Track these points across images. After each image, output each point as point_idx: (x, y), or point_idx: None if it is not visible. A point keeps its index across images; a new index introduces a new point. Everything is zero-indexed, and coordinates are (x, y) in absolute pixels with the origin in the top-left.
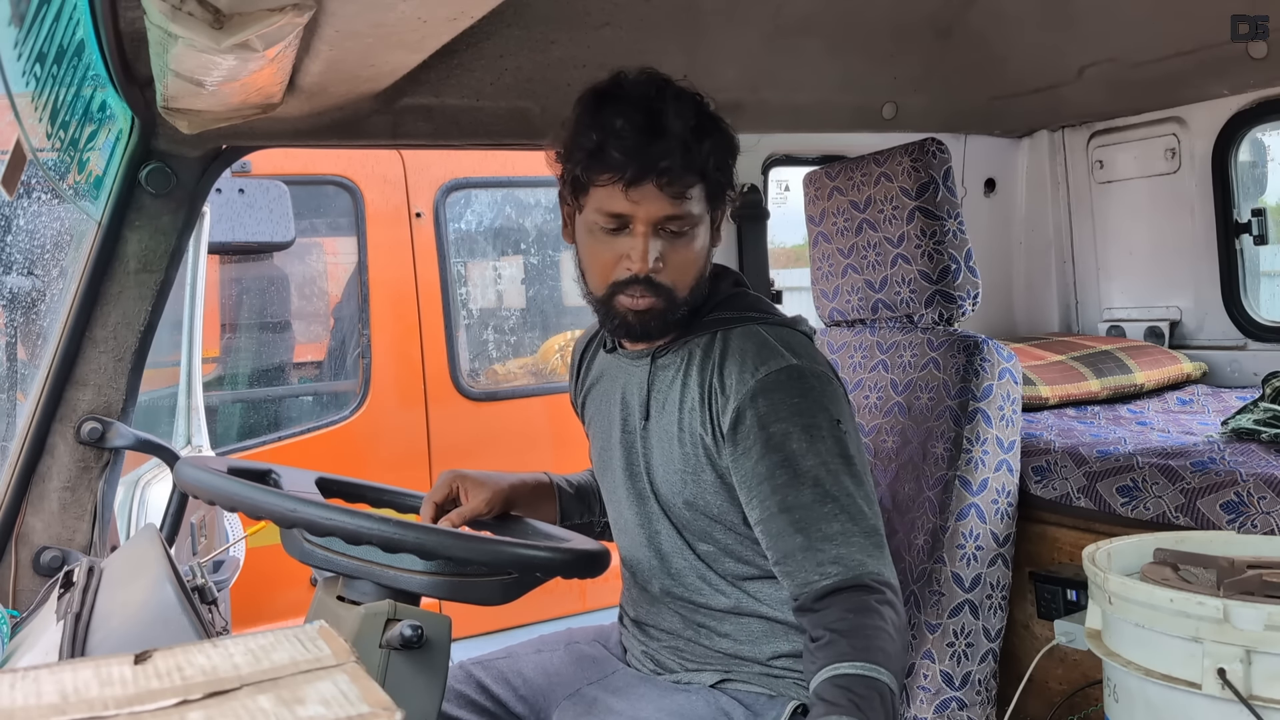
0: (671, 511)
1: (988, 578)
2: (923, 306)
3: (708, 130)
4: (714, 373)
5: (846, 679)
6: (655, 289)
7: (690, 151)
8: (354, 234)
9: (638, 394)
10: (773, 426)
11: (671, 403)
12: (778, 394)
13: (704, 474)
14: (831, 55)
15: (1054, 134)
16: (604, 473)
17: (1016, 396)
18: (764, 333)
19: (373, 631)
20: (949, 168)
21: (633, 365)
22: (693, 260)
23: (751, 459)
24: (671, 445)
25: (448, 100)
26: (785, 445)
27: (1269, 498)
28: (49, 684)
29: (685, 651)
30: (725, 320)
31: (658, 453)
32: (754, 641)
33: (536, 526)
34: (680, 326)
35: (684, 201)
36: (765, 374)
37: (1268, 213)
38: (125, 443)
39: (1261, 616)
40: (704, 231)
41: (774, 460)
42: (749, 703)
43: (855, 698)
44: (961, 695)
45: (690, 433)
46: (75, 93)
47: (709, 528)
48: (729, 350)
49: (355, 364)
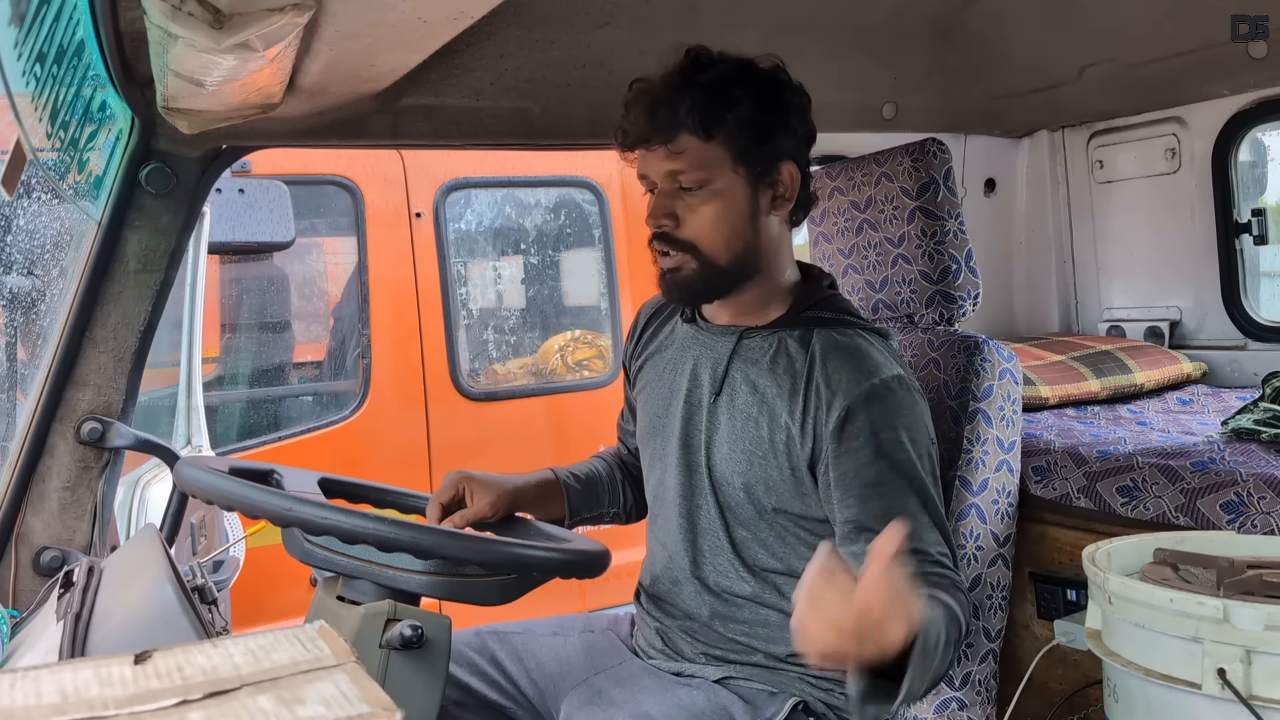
0: (721, 490)
1: (988, 578)
2: (923, 306)
3: (730, 88)
4: (813, 365)
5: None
6: (677, 245)
7: (662, 107)
8: (354, 234)
9: (713, 368)
10: (885, 434)
11: (754, 387)
12: (891, 402)
13: (775, 462)
14: (831, 55)
15: (1054, 134)
16: (654, 438)
17: (1017, 397)
18: (866, 338)
19: (373, 631)
20: (949, 168)
21: (714, 339)
22: (715, 217)
23: (859, 460)
24: (745, 426)
25: (448, 100)
26: (895, 454)
27: (1269, 498)
28: (49, 684)
29: (698, 635)
30: (822, 319)
31: (725, 429)
32: (768, 635)
33: (537, 526)
34: (723, 291)
35: (682, 155)
36: (880, 380)
37: (1268, 213)
38: (125, 443)
39: (1261, 616)
40: (731, 190)
41: (884, 466)
42: (750, 698)
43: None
44: (962, 695)
45: (771, 420)
46: (75, 93)
47: (754, 516)
48: (832, 348)
49: (355, 364)
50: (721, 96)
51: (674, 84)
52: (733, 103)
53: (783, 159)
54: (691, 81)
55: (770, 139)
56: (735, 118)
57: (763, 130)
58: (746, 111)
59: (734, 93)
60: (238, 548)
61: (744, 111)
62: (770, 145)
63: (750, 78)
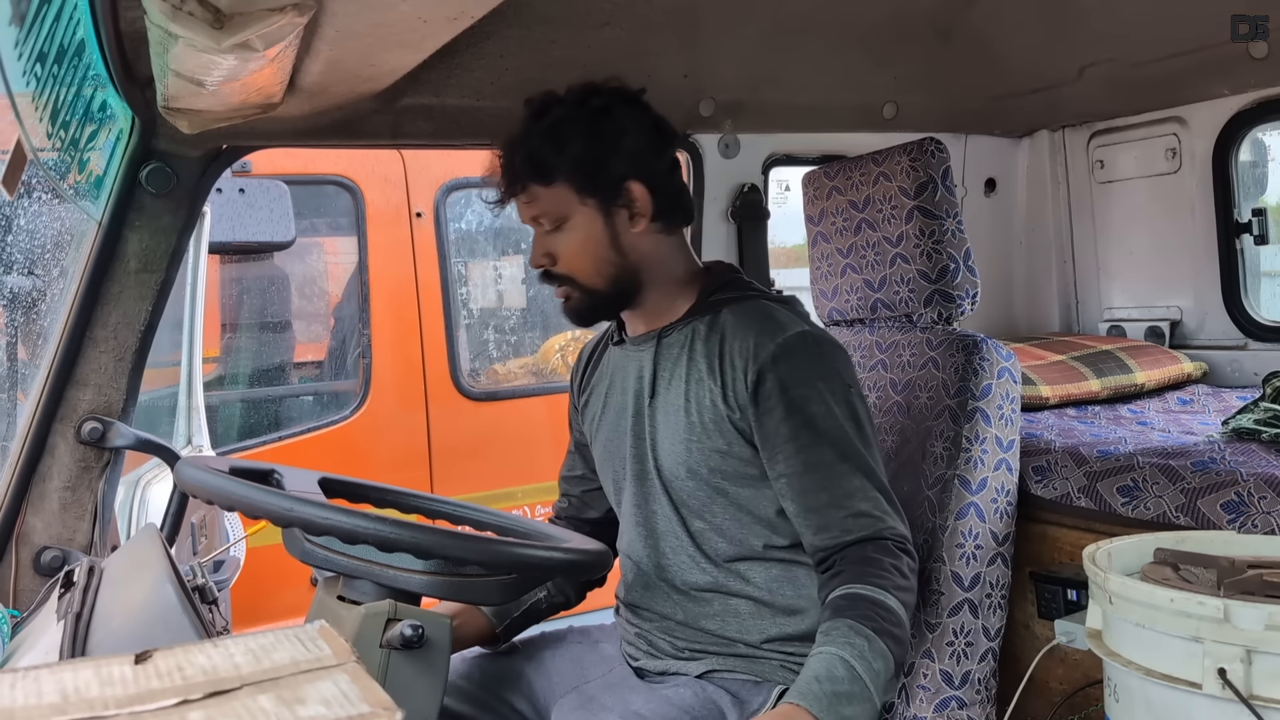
0: (671, 486)
1: (987, 577)
2: (921, 306)
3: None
4: (724, 341)
5: (853, 595)
6: (557, 279)
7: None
8: (354, 234)
9: (645, 375)
10: (794, 390)
11: (678, 377)
12: (797, 358)
13: (712, 439)
14: (831, 55)
15: (1054, 134)
16: (610, 461)
17: (1015, 396)
18: (770, 305)
19: (373, 631)
20: (948, 167)
21: (639, 351)
22: (577, 249)
23: (775, 419)
24: (678, 416)
25: (448, 100)
26: (807, 407)
27: (1269, 498)
28: (49, 684)
29: (676, 634)
30: (727, 299)
31: (663, 427)
32: (742, 624)
33: (538, 527)
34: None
35: (535, 201)
36: (784, 339)
37: (1268, 213)
38: (125, 443)
39: (1262, 616)
40: (586, 222)
41: (797, 421)
42: (735, 690)
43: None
44: (961, 694)
45: (698, 402)
46: (75, 93)
47: (707, 501)
48: (739, 320)
49: (355, 364)
50: (553, 141)
51: (515, 139)
52: (563, 144)
53: (626, 179)
54: (529, 132)
55: (605, 167)
56: (567, 159)
57: (595, 162)
58: (577, 149)
59: (564, 134)
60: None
61: (575, 150)
62: (607, 172)
63: (579, 114)
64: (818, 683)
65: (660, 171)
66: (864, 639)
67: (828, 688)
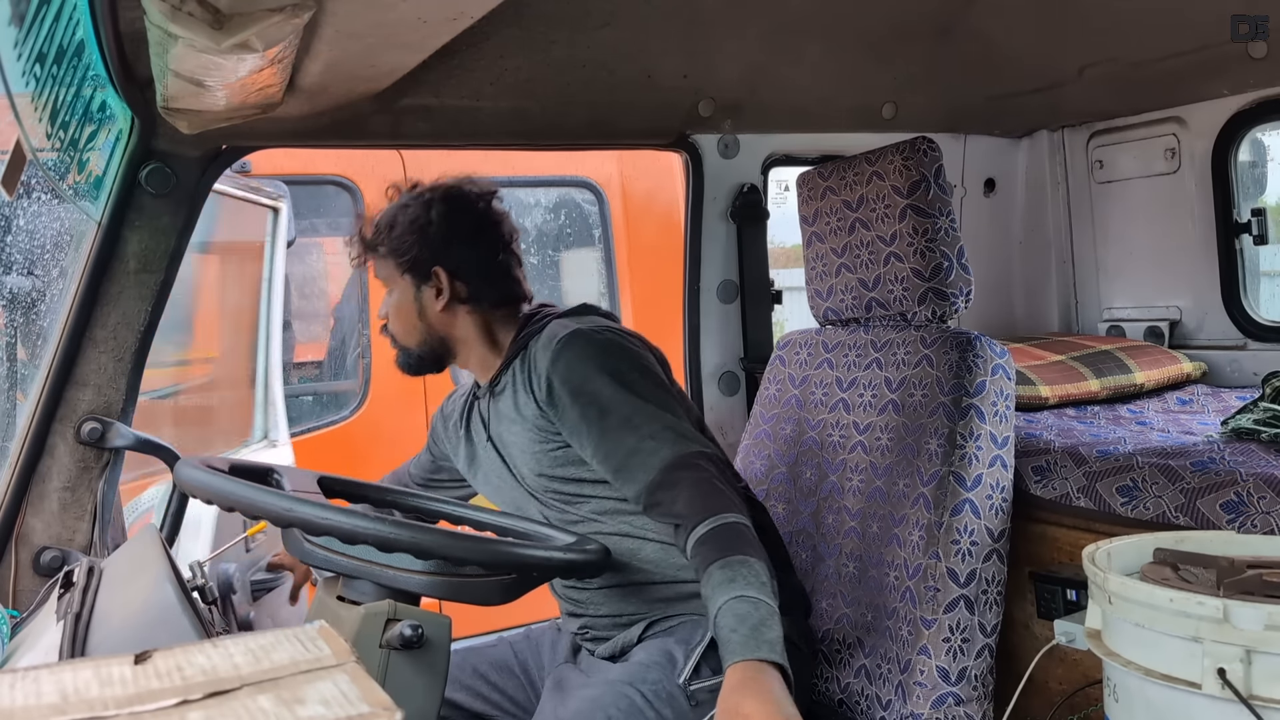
0: (540, 492)
1: (983, 573)
2: (916, 304)
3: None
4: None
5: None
6: (388, 333)
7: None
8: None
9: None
10: (573, 381)
11: (511, 410)
12: (569, 355)
13: (547, 445)
14: (831, 55)
15: (1054, 134)
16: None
17: (1010, 392)
18: (555, 321)
19: (373, 631)
20: (940, 165)
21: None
22: (394, 313)
23: (569, 412)
24: (518, 438)
25: (448, 100)
26: (586, 389)
27: (1269, 497)
28: (49, 684)
29: (609, 602)
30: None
31: (511, 449)
32: (656, 567)
33: (537, 527)
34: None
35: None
36: (558, 344)
37: (1267, 213)
38: (125, 443)
39: (1261, 616)
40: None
41: (582, 404)
42: (677, 634)
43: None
44: (958, 691)
45: (527, 420)
46: (75, 93)
47: (575, 492)
48: (532, 346)
49: (355, 364)
50: (388, 225)
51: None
52: (391, 229)
53: (435, 264)
54: (383, 212)
55: (413, 251)
56: (392, 242)
57: (407, 245)
58: (398, 236)
59: (396, 219)
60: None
61: (396, 236)
62: (416, 256)
63: (414, 201)
64: (733, 631)
65: (469, 260)
66: (734, 569)
67: (744, 631)
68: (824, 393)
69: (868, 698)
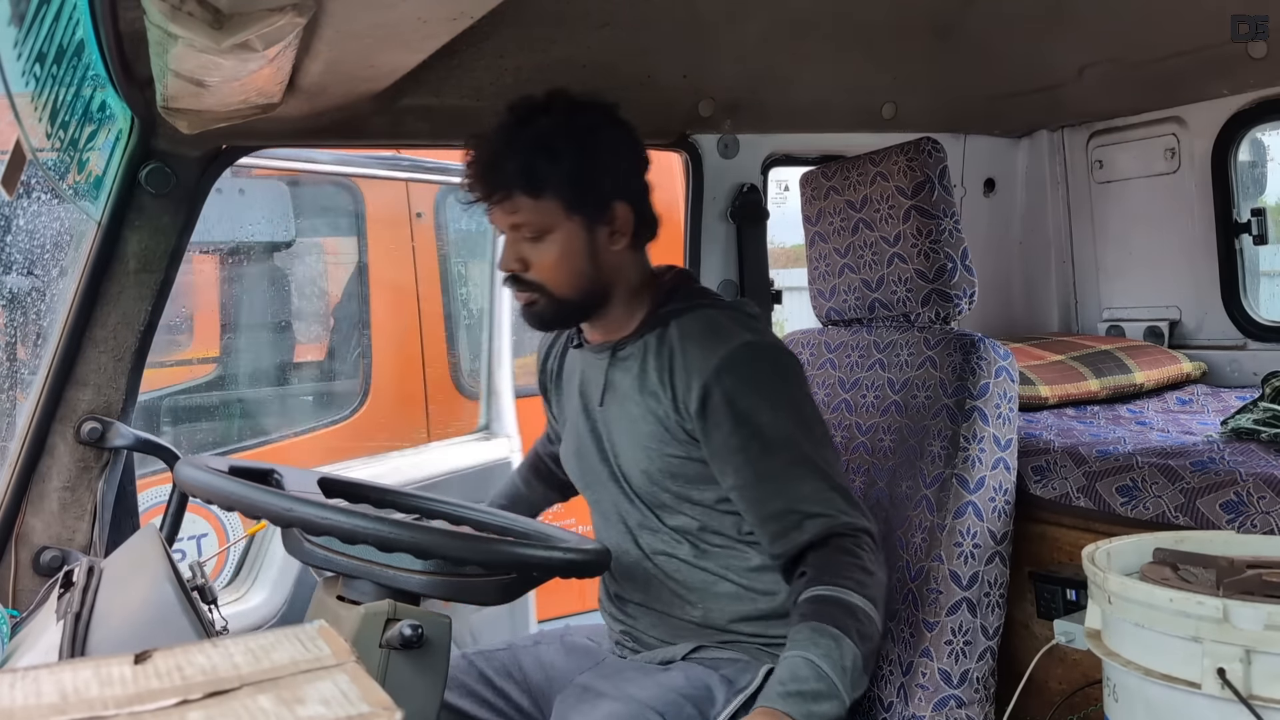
0: (640, 489)
1: (985, 576)
2: (919, 305)
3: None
4: (673, 355)
5: (815, 598)
6: (526, 286)
7: (497, 167)
8: (354, 234)
9: (597, 383)
10: (740, 402)
11: (632, 390)
12: (741, 370)
13: (668, 449)
14: (831, 55)
15: (1053, 134)
16: (580, 458)
17: (1013, 395)
18: (715, 314)
19: (373, 631)
20: (945, 166)
21: (595, 357)
22: (557, 261)
23: (723, 433)
24: (634, 425)
25: (448, 100)
26: (754, 418)
27: (1269, 497)
28: (49, 684)
29: (660, 625)
30: (676, 310)
31: (621, 435)
32: (722, 608)
33: (538, 527)
34: (577, 319)
35: (518, 211)
36: (726, 352)
37: (1267, 213)
38: (125, 443)
39: (1261, 616)
40: (569, 236)
41: (745, 433)
42: (723, 670)
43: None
44: (960, 693)
45: (652, 413)
46: (75, 93)
47: (674, 501)
48: (685, 333)
49: (355, 364)
50: (545, 154)
51: (501, 145)
52: (556, 158)
53: (613, 199)
54: (516, 140)
55: (596, 185)
56: (560, 173)
57: (587, 179)
58: (570, 165)
59: (557, 147)
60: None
61: (567, 165)
62: (597, 191)
63: (571, 129)
64: (781, 684)
65: (641, 192)
66: (829, 639)
67: (792, 688)
68: (826, 393)
69: (869, 699)
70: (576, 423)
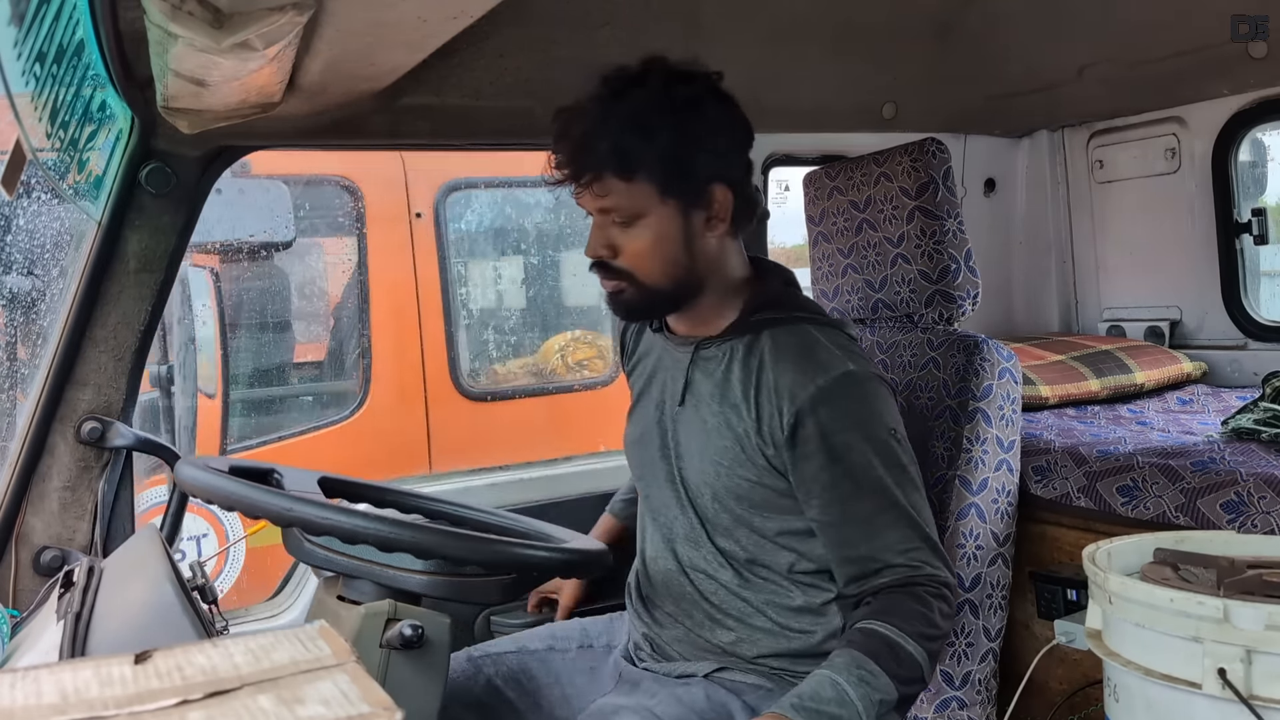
0: (697, 502)
1: (987, 577)
2: (922, 306)
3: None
4: (762, 370)
5: (867, 630)
6: (615, 273)
7: (589, 147)
8: (354, 234)
9: (675, 380)
10: (835, 437)
11: (711, 397)
12: (839, 402)
13: (741, 470)
14: (831, 55)
15: (1054, 134)
16: (641, 448)
17: (1016, 396)
18: (815, 333)
19: (373, 631)
20: (949, 167)
21: (676, 350)
22: (649, 248)
23: (813, 466)
24: (708, 436)
25: (448, 100)
26: (848, 456)
27: (1269, 497)
28: (49, 684)
29: (686, 640)
30: (771, 319)
31: (690, 442)
32: (754, 641)
33: (538, 527)
34: (666, 309)
35: (609, 194)
36: (825, 381)
37: (1268, 212)
38: (125, 442)
39: (1262, 616)
40: (663, 221)
41: (838, 471)
42: (746, 694)
43: (873, 648)
44: (961, 695)
45: (730, 427)
46: (75, 93)
47: (731, 523)
48: (780, 350)
49: (355, 364)
50: (639, 132)
51: (591, 123)
52: (650, 136)
53: (712, 181)
54: (609, 117)
55: (693, 167)
56: (654, 153)
57: (684, 160)
58: (665, 144)
59: (651, 125)
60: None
61: (663, 144)
62: (694, 173)
63: (667, 105)
64: (799, 697)
65: (742, 173)
66: (865, 670)
67: (810, 705)
68: None
69: None
70: (646, 411)
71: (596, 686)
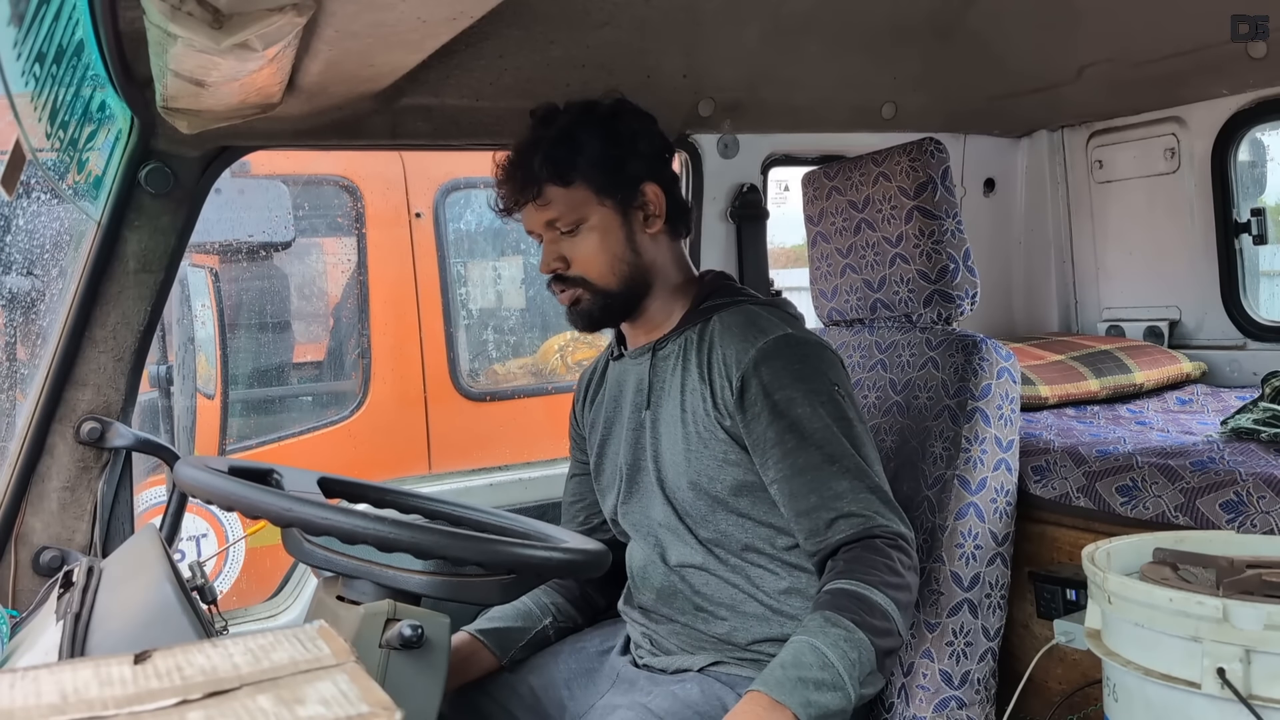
0: (674, 497)
1: (986, 577)
2: (921, 306)
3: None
4: (712, 349)
5: (835, 590)
6: (569, 282)
7: (525, 165)
8: (354, 234)
9: (640, 388)
10: (778, 393)
11: (674, 388)
12: (778, 361)
13: (710, 449)
14: (831, 55)
15: (1053, 134)
16: (612, 470)
17: (1015, 396)
18: (757, 310)
19: (373, 631)
20: (947, 167)
21: (637, 364)
22: (596, 250)
23: (761, 424)
24: (675, 428)
25: (448, 100)
26: (791, 410)
27: (1268, 497)
28: (49, 684)
29: (683, 635)
30: (716, 305)
31: (664, 439)
32: (747, 628)
33: (537, 527)
34: (624, 313)
35: (551, 204)
36: (764, 343)
37: (1267, 212)
38: (125, 443)
39: (1261, 616)
40: (605, 222)
41: (782, 426)
42: (740, 688)
43: (842, 604)
44: (960, 694)
45: (693, 412)
46: (75, 93)
47: (709, 512)
48: (724, 327)
49: (355, 364)
50: (569, 144)
51: (525, 145)
52: (580, 147)
53: (643, 181)
54: (540, 137)
55: (623, 167)
56: (586, 159)
57: (613, 162)
58: (594, 149)
59: (579, 137)
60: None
61: (592, 150)
62: (625, 173)
63: (591, 119)
64: (782, 669)
65: (670, 175)
66: (840, 629)
67: (792, 673)
68: None
69: (869, 700)
70: (618, 433)
71: (594, 689)
